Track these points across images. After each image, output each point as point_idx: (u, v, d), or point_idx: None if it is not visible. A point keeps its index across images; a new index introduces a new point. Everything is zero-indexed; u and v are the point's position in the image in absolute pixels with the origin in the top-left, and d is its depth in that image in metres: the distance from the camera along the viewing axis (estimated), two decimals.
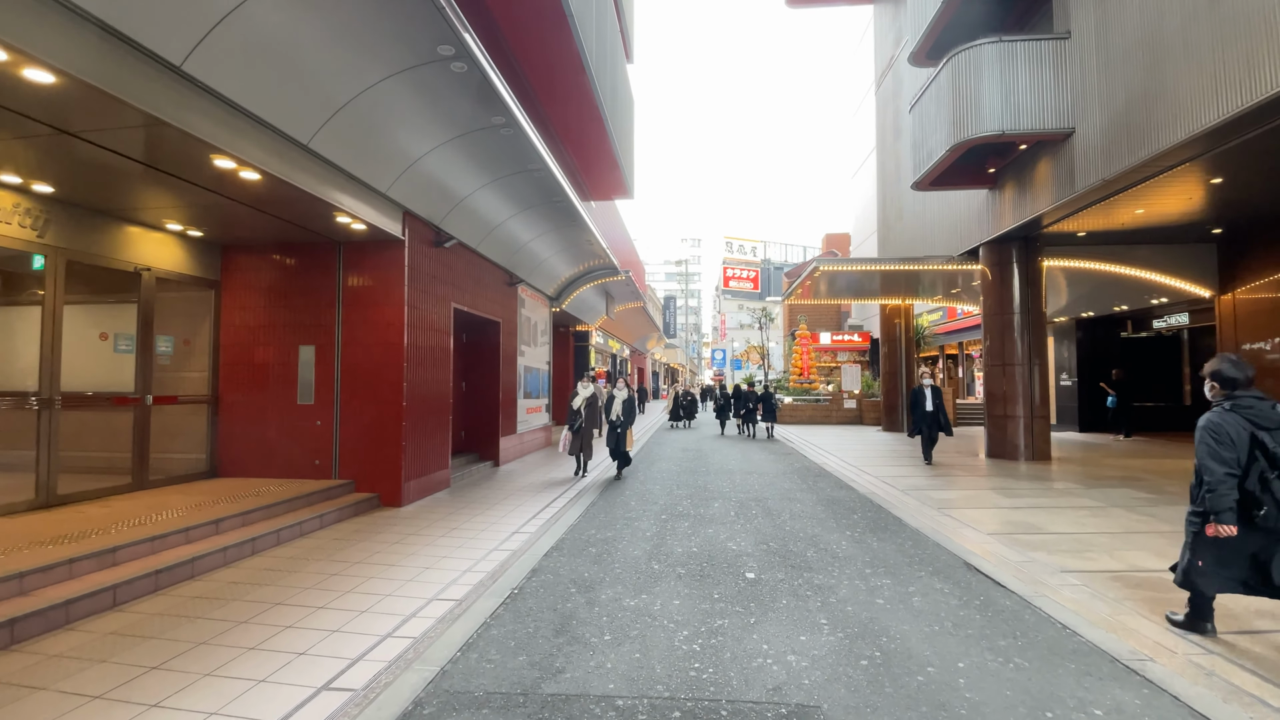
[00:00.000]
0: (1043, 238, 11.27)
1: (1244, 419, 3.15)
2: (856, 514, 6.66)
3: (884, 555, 5.11)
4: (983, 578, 4.58)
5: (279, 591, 4.20)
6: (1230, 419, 3.18)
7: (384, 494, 6.86)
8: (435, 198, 7.13)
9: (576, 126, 14.12)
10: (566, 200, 8.57)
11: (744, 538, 5.63)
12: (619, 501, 7.32)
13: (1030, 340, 11.18)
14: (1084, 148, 8.63)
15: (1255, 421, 3.13)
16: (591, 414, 8.92)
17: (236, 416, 7.19)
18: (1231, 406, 3.24)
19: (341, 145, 5.46)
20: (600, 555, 5.05)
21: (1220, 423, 3.19)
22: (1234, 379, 3.27)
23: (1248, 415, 3.16)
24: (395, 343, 6.89)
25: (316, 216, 6.13)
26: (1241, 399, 3.22)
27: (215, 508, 5.53)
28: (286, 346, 7.13)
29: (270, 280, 7.23)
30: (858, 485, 8.46)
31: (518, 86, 11.02)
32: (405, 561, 4.87)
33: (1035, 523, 6.26)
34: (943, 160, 10.02)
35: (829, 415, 20.83)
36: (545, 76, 11.88)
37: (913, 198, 15.22)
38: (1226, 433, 3.15)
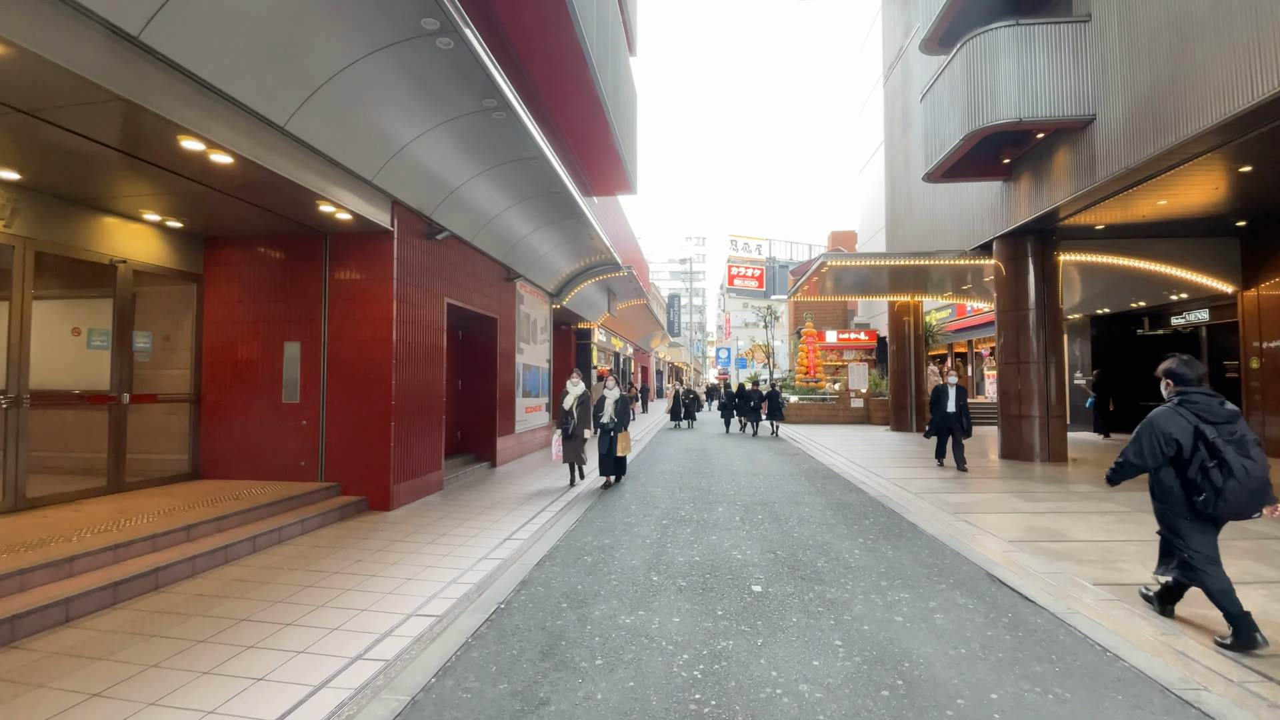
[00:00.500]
0: (1059, 231, 10.88)
1: (1192, 413, 3.37)
2: (868, 519, 6.31)
3: (900, 565, 4.76)
4: (1009, 591, 4.23)
5: (246, 606, 3.88)
6: (1176, 417, 3.41)
7: (372, 497, 6.55)
8: (426, 187, 6.81)
9: (578, 120, 13.79)
10: (565, 191, 8.23)
11: (750, 545, 5.29)
12: (618, 505, 6.99)
13: (1046, 337, 10.79)
14: (1106, 135, 8.25)
15: (1201, 416, 3.35)
16: (583, 415, 8.01)
17: (220, 416, 6.90)
18: (1181, 402, 3.47)
19: (322, 128, 5.15)
20: (596, 565, 4.72)
21: (1165, 424, 3.43)
22: (1186, 376, 3.52)
23: (1195, 410, 3.38)
24: (384, 339, 6.58)
25: (298, 205, 5.82)
26: (1191, 395, 3.45)
27: (189, 512, 5.23)
28: (271, 343, 6.82)
29: (255, 274, 6.92)
30: (868, 488, 8.11)
31: (518, 79, 10.70)
32: (387, 572, 4.55)
33: (1059, 529, 5.90)
34: (956, 150, 9.64)
35: (835, 414, 20.45)
36: (546, 68, 11.56)
37: (922, 192, 14.83)
38: (1164, 433, 3.41)
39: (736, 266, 58.74)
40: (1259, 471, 3.19)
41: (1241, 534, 5.61)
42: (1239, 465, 3.18)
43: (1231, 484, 3.18)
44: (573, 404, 8.01)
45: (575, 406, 7.99)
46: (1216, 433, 3.28)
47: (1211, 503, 3.25)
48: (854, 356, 30.34)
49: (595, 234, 10.43)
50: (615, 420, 8.11)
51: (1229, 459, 3.19)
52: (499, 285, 9.88)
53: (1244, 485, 3.17)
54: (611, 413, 8.13)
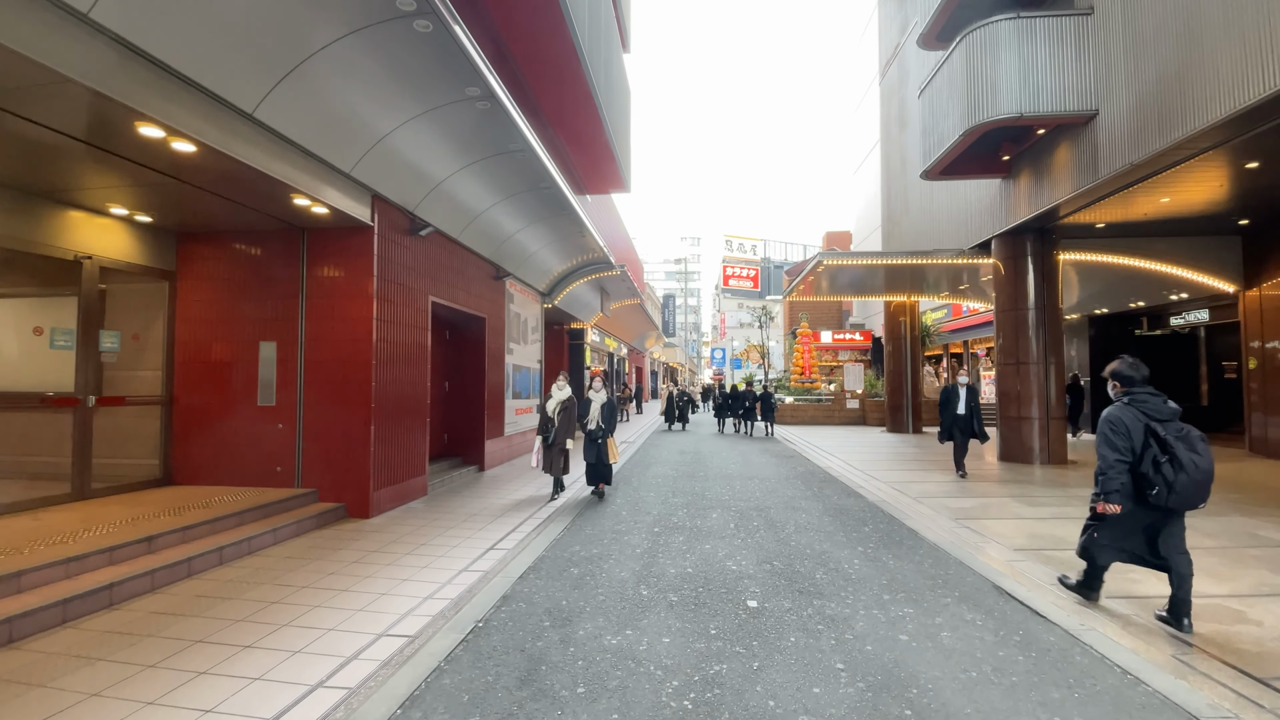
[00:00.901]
0: (1059, 229, 10.69)
1: (1140, 412, 3.54)
2: (867, 526, 6.08)
3: (903, 577, 4.53)
4: (1018, 605, 4.00)
5: (203, 625, 3.61)
6: (1128, 413, 3.57)
7: (350, 504, 6.27)
8: (407, 180, 6.55)
9: (570, 116, 13.53)
10: (554, 187, 7.98)
11: (745, 555, 5.05)
12: (609, 512, 6.74)
13: (1045, 337, 10.61)
14: (1109, 130, 8.05)
15: (1149, 414, 3.53)
16: (567, 421, 7.28)
17: (193, 419, 6.61)
18: (1129, 401, 3.63)
19: (294, 117, 4.88)
20: (582, 578, 4.46)
21: (1119, 416, 3.58)
22: (1131, 377, 3.68)
23: (1143, 409, 3.55)
24: (363, 338, 6.31)
25: (271, 198, 5.54)
26: (1137, 394, 3.61)
27: (154, 521, 4.95)
28: (247, 343, 6.54)
29: (230, 271, 6.64)
30: (866, 492, 7.88)
31: (507, 72, 10.44)
32: (360, 586, 4.29)
33: (1064, 536, 5.68)
34: (955, 146, 9.44)
35: (831, 415, 20.25)
36: (536, 62, 11.30)
37: (919, 191, 14.64)
38: (1124, 424, 3.54)
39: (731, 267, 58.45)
40: (1205, 465, 3.40)
41: (1254, 542, 5.41)
42: (1188, 460, 3.37)
43: (1182, 477, 3.37)
44: (556, 410, 7.30)
45: (558, 413, 7.29)
46: (1174, 431, 3.47)
47: (1164, 496, 3.42)
48: (849, 357, 30.18)
49: (587, 231, 10.18)
50: (603, 426, 7.44)
51: (1179, 454, 3.38)
52: (487, 284, 9.61)
53: (1192, 478, 3.37)
54: (598, 418, 7.46)
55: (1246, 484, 8.25)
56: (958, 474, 8.97)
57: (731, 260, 59.41)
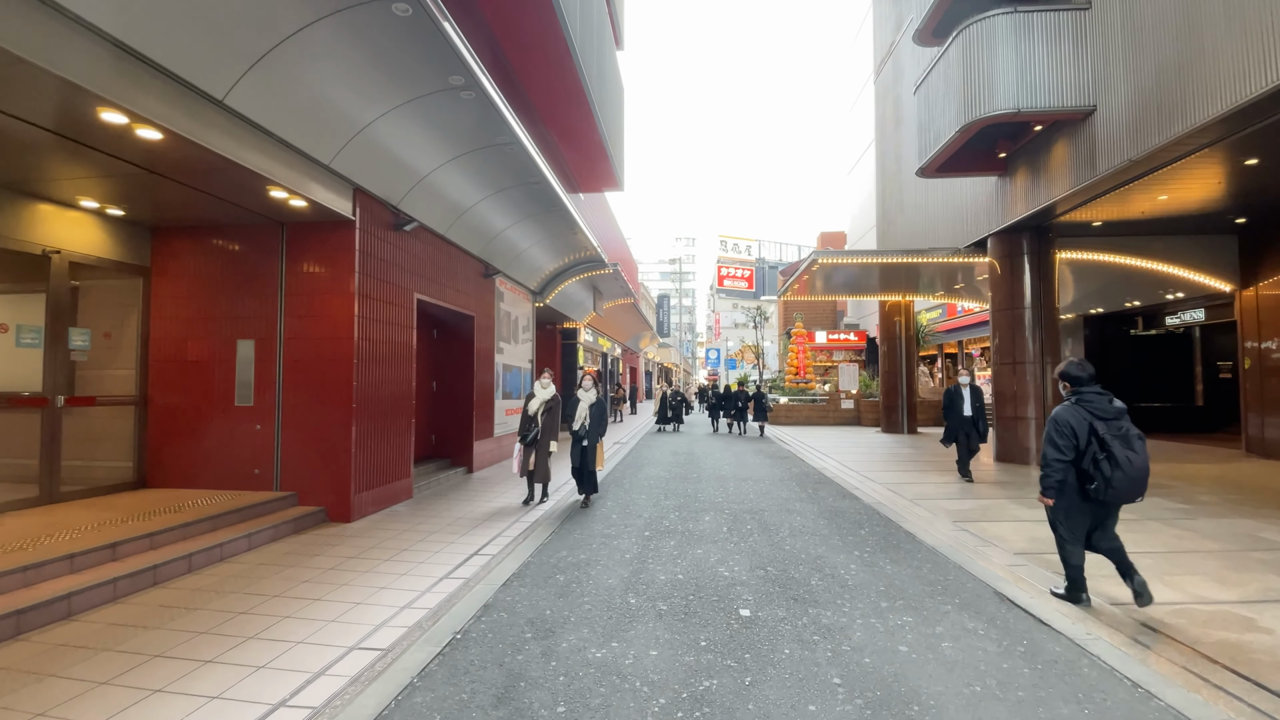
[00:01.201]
0: (1056, 228, 10.58)
1: (1086, 411, 3.70)
2: (864, 529, 5.92)
3: (901, 583, 4.36)
4: (1021, 613, 3.84)
5: (164, 638, 3.41)
6: (1074, 412, 3.74)
7: (331, 508, 6.07)
8: (391, 174, 6.35)
9: (562, 113, 13.35)
10: (544, 182, 7.79)
11: (738, 560, 4.88)
12: (598, 515, 6.56)
13: (1042, 337, 10.49)
14: (1107, 127, 7.93)
15: (1094, 413, 3.68)
16: (551, 422, 6.88)
17: (168, 420, 6.39)
18: (1077, 401, 3.78)
19: (268, 104, 4.68)
20: (568, 586, 4.28)
21: (1065, 417, 3.75)
22: (1080, 378, 3.84)
23: (1089, 408, 3.71)
24: (344, 337, 6.10)
25: (247, 190, 5.34)
26: (1085, 394, 3.77)
27: (121, 527, 4.73)
28: (224, 341, 6.33)
29: (207, 266, 6.43)
30: (861, 494, 7.73)
31: (499, 70, 10.25)
32: (334, 595, 4.09)
33: None
34: (951, 143, 9.30)
35: (826, 416, 20.13)
36: (528, 59, 11.11)
37: (914, 189, 14.53)
38: (1068, 424, 3.72)
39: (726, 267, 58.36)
40: (1140, 462, 3.58)
41: (1258, 545, 5.28)
42: (1123, 457, 3.56)
43: (1118, 473, 3.56)
44: (539, 409, 6.86)
45: (541, 413, 6.85)
46: (1106, 428, 3.64)
47: (1102, 490, 3.62)
48: (844, 357, 30.10)
49: (578, 228, 10.00)
50: (589, 428, 6.86)
51: (1115, 451, 3.57)
52: (476, 282, 9.42)
53: (1127, 474, 3.56)
54: (585, 419, 6.87)
55: (1245, 485, 8.14)
56: (961, 478, 8.65)
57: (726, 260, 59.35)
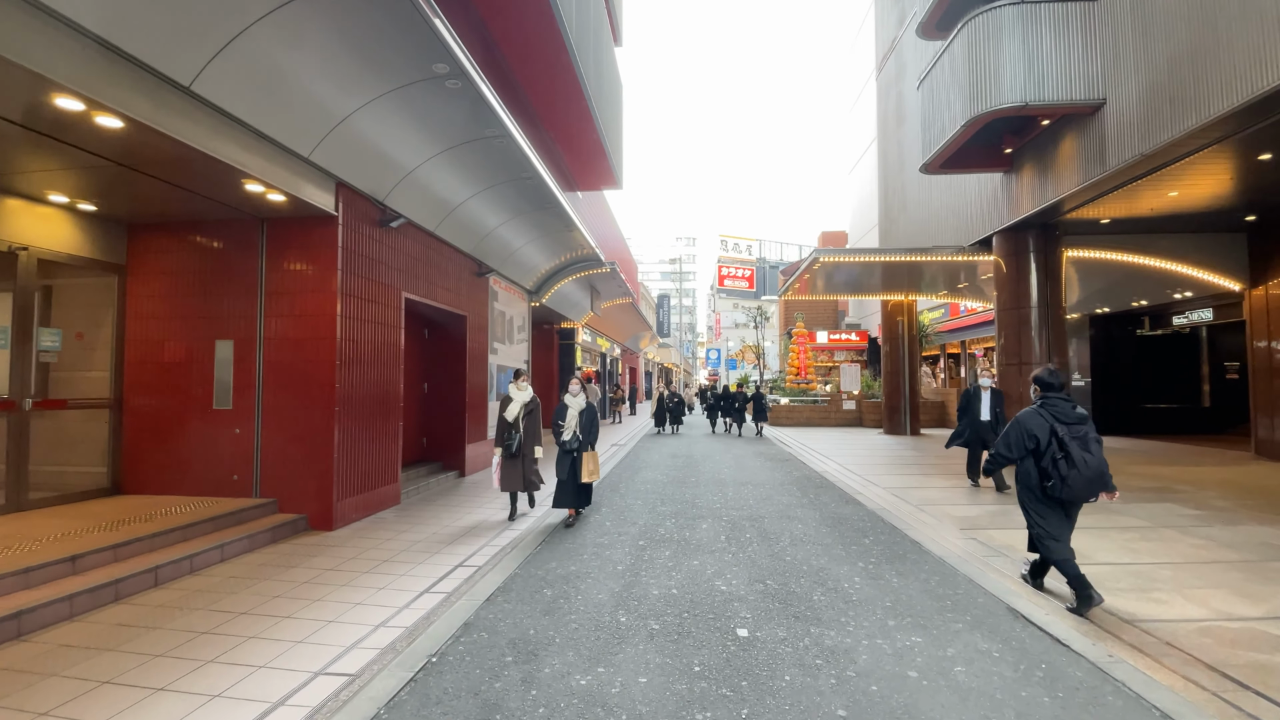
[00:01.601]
0: (1062, 225, 10.34)
1: (1050, 414, 3.96)
2: (868, 537, 5.67)
3: (908, 597, 4.12)
4: (1036, 632, 3.60)
5: (117, 662, 3.17)
6: (1038, 416, 3.99)
7: (312, 515, 5.83)
8: (375, 168, 6.11)
9: (559, 109, 13.13)
10: (537, 177, 7.55)
11: (736, 573, 4.64)
12: (592, 523, 6.32)
13: (1049, 337, 10.25)
14: (1117, 120, 7.69)
15: (1057, 417, 3.93)
16: (533, 429, 6.24)
17: (145, 424, 6.15)
18: (1043, 404, 4.05)
19: (240, 92, 4.44)
20: (555, 601, 4.04)
21: (1028, 421, 4.01)
22: (1050, 384, 4.11)
23: (1052, 411, 3.96)
24: (327, 337, 5.86)
25: (221, 184, 5.09)
26: (1050, 399, 4.04)
27: (85, 538, 4.49)
28: (202, 341, 6.09)
29: (185, 264, 6.19)
30: (865, 499, 7.49)
31: (495, 67, 10.01)
32: (306, 612, 3.85)
33: (1079, 549, 5.25)
34: (956, 138, 9.06)
35: (827, 417, 19.88)
36: (523, 54, 10.89)
37: (917, 187, 14.29)
38: (1028, 429, 3.98)
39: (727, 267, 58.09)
40: (1095, 464, 3.81)
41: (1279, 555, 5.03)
42: (1080, 458, 3.79)
43: (1074, 473, 3.79)
44: (519, 414, 6.22)
45: (522, 418, 6.23)
46: (1067, 431, 3.86)
47: (1059, 488, 3.85)
48: (845, 357, 29.85)
49: (574, 226, 9.75)
50: (579, 436, 6.10)
51: (1073, 453, 3.81)
52: (468, 280, 9.17)
53: (1082, 474, 3.78)
54: (574, 426, 6.11)
55: (1257, 489, 7.90)
56: (971, 483, 8.27)
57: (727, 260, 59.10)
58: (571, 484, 6.08)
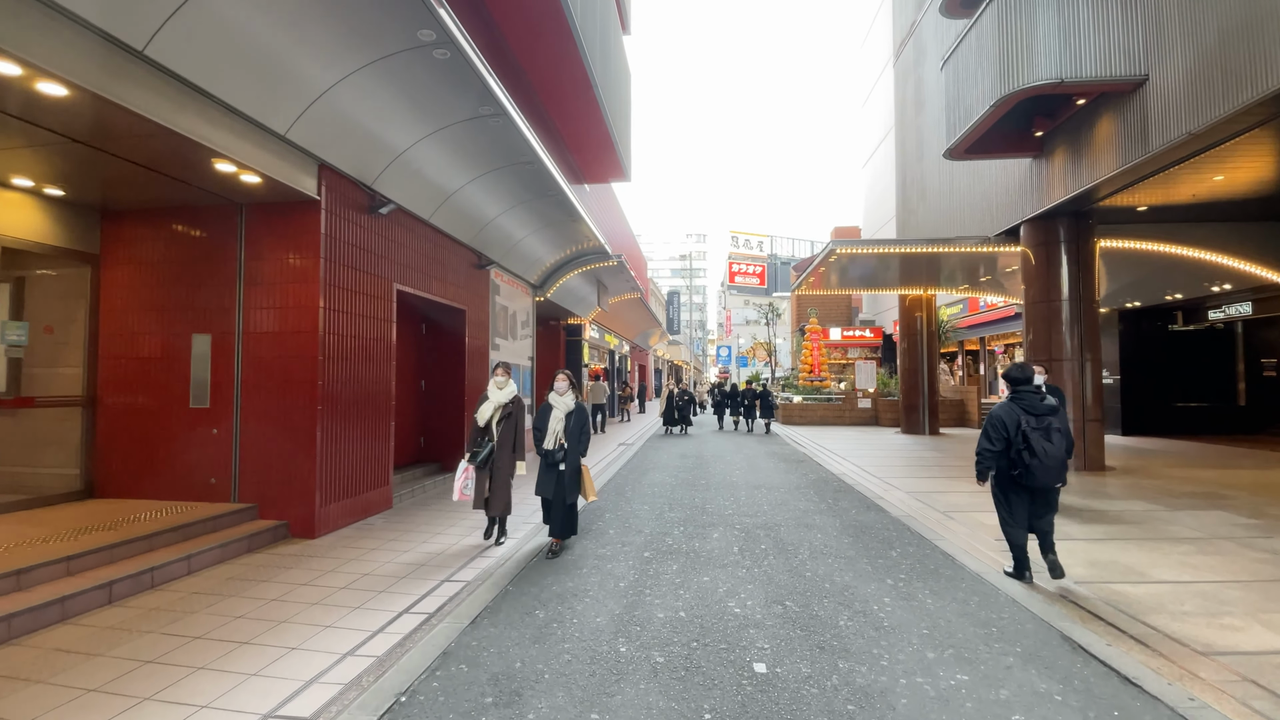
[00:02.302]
0: (1096, 213, 9.75)
1: (1020, 408, 4.19)
2: (895, 549, 5.19)
3: (946, 622, 3.64)
4: (1100, 668, 3.11)
5: (42, 696, 2.76)
6: (1009, 409, 4.23)
7: (294, 521, 5.43)
8: (361, 149, 5.69)
9: (565, 97, 12.70)
10: (538, 162, 7.11)
11: (751, 591, 4.17)
12: (593, 531, 5.88)
13: (1081, 332, 9.66)
14: (1161, 97, 7.12)
15: (1025, 409, 4.17)
16: (509, 435, 5.15)
17: (119, 423, 5.79)
18: (1013, 398, 4.27)
19: (203, 60, 4.02)
20: (548, 625, 3.60)
21: (999, 413, 4.25)
22: (1016, 378, 4.31)
23: (1022, 405, 4.19)
24: (309, 330, 5.46)
25: (189, 163, 4.69)
26: (1021, 393, 4.26)
27: (41, 548, 4.11)
28: (179, 336, 5.71)
29: (161, 253, 5.81)
30: (887, 504, 6.99)
31: (497, 51, 9.59)
32: (268, 636, 3.43)
33: (1130, 564, 4.79)
34: (984, 119, 8.50)
35: (842, 416, 19.32)
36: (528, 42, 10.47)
37: (937, 176, 13.70)
38: (1001, 420, 4.22)
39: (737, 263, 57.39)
40: (1055, 453, 4.09)
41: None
42: (1040, 448, 4.07)
43: (1035, 462, 4.07)
44: (495, 416, 5.14)
45: (498, 421, 5.14)
46: (1035, 423, 4.13)
47: (1023, 475, 4.15)
48: (859, 354, 29.22)
49: (578, 216, 9.30)
50: (564, 445, 4.94)
51: (1034, 443, 4.07)
52: (467, 273, 8.76)
53: (1043, 462, 4.07)
54: (559, 432, 4.96)
55: None
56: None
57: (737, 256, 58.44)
58: (558, 506, 4.99)
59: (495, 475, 5.12)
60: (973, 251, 11.53)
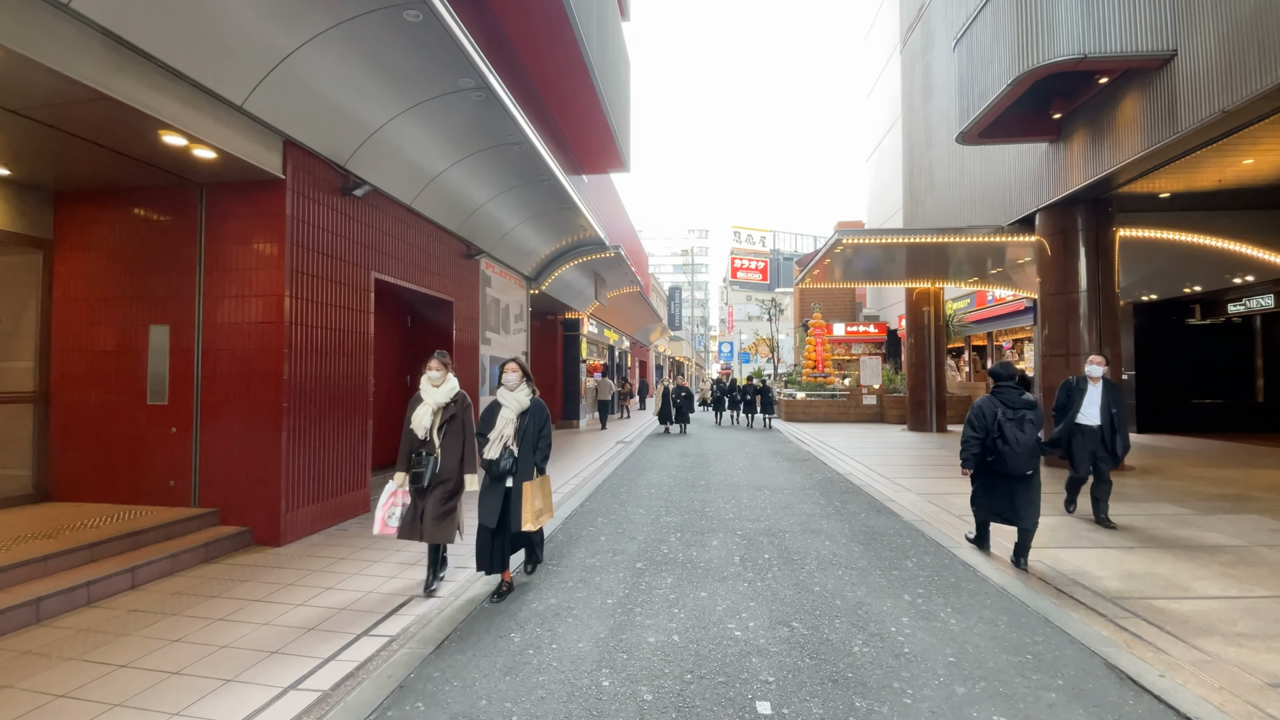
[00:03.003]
0: (1115, 200, 9.29)
1: (999, 401, 4.52)
2: (910, 559, 4.76)
3: (976, 649, 3.21)
4: (1155, 704, 2.69)
5: None
6: (990, 401, 4.56)
7: (258, 528, 5.02)
8: (332, 124, 5.26)
9: (562, 85, 12.25)
10: (526, 143, 6.67)
11: (753, 610, 3.75)
12: (584, 536, 5.46)
13: (1100, 325, 9.21)
14: (1191, 74, 6.66)
15: (1004, 402, 4.50)
16: (457, 441, 3.97)
17: (74, 420, 5.38)
18: (994, 392, 4.61)
19: (139, 16, 3.59)
20: (523, 652, 3.18)
21: (980, 406, 4.58)
22: (999, 374, 4.63)
23: (1001, 398, 4.52)
24: (273, 321, 5.04)
25: (134, 136, 4.26)
26: (1001, 388, 4.58)
27: None
28: (135, 326, 5.29)
29: (117, 239, 5.39)
30: (898, 507, 6.56)
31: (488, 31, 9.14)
32: (203, 665, 3.02)
33: (1170, 577, 4.35)
34: (1001, 100, 8.03)
35: (846, 412, 18.87)
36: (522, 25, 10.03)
37: (947, 165, 13.23)
38: (982, 411, 4.55)
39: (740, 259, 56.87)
40: (1025, 441, 4.32)
41: None
42: (1013, 437, 4.32)
43: (1007, 450, 4.34)
44: (433, 423, 3.92)
45: (439, 428, 3.94)
46: (1011, 414, 4.39)
47: (997, 462, 4.42)
48: (862, 350, 28.75)
49: (571, 201, 8.86)
50: (513, 453, 3.85)
51: (1007, 433, 4.34)
52: (455, 262, 8.33)
53: (1015, 451, 4.32)
54: (508, 436, 3.84)
55: None
56: (1068, 510, 6.14)
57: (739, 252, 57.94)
58: (501, 532, 3.81)
59: (435, 496, 3.88)
60: (984, 241, 11.06)
